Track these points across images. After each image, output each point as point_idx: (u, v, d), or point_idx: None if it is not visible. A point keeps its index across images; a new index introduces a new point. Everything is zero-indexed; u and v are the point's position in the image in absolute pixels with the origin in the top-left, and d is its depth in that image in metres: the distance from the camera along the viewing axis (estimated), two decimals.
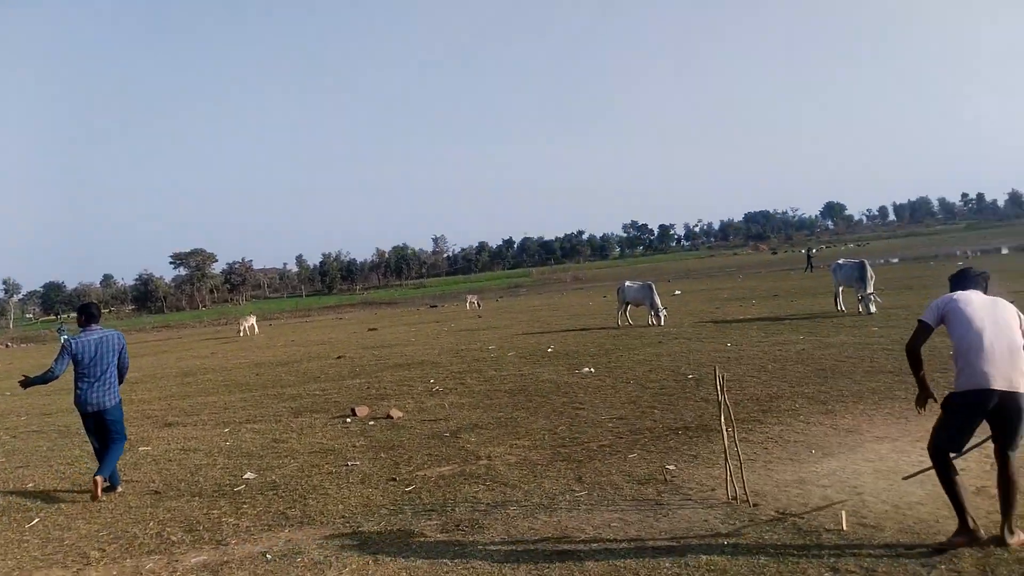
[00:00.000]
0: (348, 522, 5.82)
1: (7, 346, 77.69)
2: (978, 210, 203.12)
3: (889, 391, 8.82)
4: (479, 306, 45.29)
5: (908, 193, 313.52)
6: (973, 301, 4.62)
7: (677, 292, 37.95)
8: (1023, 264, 35.80)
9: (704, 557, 4.50)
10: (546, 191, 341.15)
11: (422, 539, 5.28)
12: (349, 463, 7.75)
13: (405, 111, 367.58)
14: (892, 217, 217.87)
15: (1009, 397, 4.32)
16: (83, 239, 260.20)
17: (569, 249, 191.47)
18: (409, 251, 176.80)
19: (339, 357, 19.74)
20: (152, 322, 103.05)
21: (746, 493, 5.42)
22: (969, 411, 4.43)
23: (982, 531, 4.35)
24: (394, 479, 6.97)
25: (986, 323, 4.47)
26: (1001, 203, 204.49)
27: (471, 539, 5.19)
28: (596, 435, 8.03)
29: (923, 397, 4.69)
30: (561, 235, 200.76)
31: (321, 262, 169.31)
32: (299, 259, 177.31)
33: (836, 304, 19.17)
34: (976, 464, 5.71)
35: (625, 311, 21.33)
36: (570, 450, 7.49)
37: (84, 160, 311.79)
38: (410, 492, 6.50)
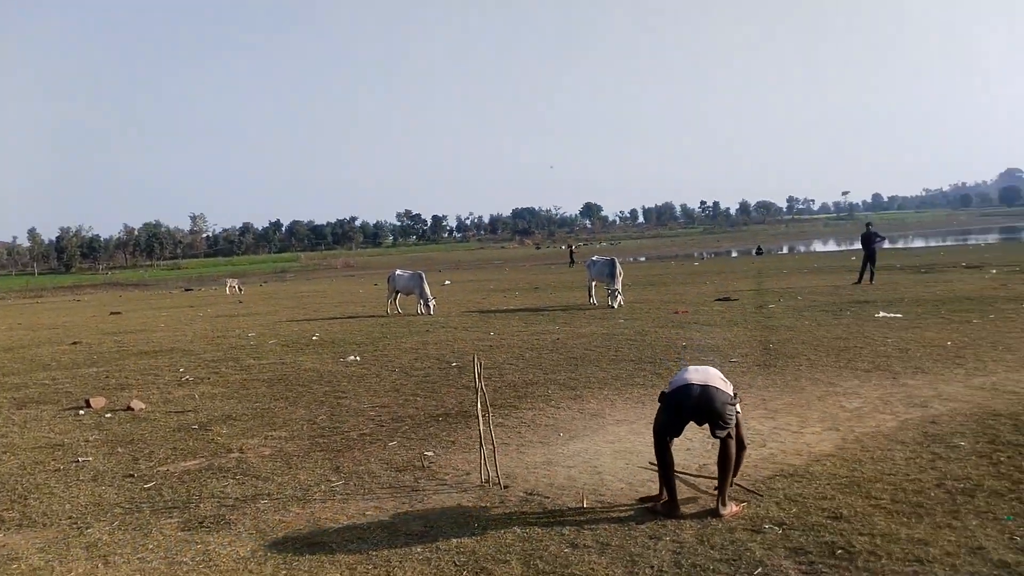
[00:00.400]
0: (76, 523, 5.30)
1: None
2: (713, 216, 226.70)
3: (630, 378, 9.59)
4: (240, 291, 42.99)
5: (656, 198, 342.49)
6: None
7: (447, 282, 38.59)
8: (746, 265, 40.45)
9: (455, 540, 4.63)
10: (318, 175, 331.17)
11: (160, 538, 4.93)
12: (79, 459, 7.05)
13: (157, 78, 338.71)
14: (641, 219, 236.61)
15: (703, 391, 4.92)
16: None
17: (341, 235, 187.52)
18: (163, 229, 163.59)
19: (74, 343, 17.86)
20: None
21: (498, 476, 5.65)
22: (674, 410, 5.01)
23: (680, 508, 4.89)
24: (131, 475, 6.44)
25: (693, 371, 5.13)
26: (733, 211, 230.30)
27: (215, 536, 4.93)
28: (357, 424, 7.96)
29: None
30: (333, 220, 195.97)
31: (58, 237, 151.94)
32: (31, 233, 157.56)
33: (589, 297, 20.50)
34: (700, 444, 6.38)
35: (395, 299, 21.32)
36: (329, 440, 7.36)
37: None
38: (149, 489, 6.04)
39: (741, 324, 14.27)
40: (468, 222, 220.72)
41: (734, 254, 68.81)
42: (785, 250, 72.93)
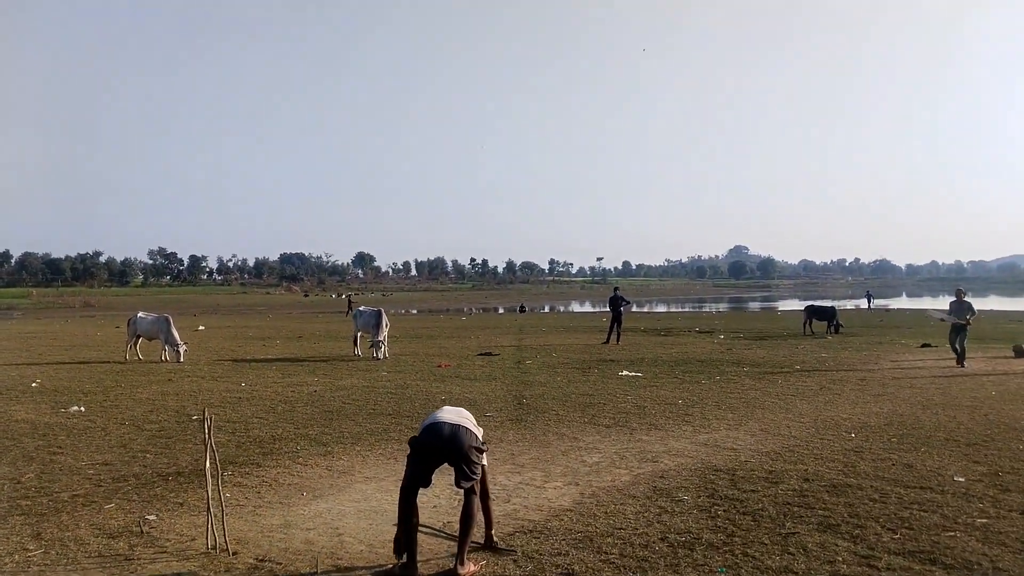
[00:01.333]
0: None
1: None
2: (482, 273, 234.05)
3: (385, 432, 9.40)
4: None
5: (428, 252, 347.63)
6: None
7: (200, 328, 36.09)
8: (510, 322, 41.89)
9: None
10: (57, 202, 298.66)
11: None
12: None
13: None
14: (414, 272, 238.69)
15: (454, 430, 4.94)
16: None
17: (82, 271, 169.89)
18: None
19: None
20: None
21: (226, 541, 5.20)
22: (424, 452, 4.93)
23: (419, 569, 4.80)
24: None
25: (447, 410, 5.22)
26: (500, 269, 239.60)
27: None
28: (70, 483, 7.05)
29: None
30: (73, 254, 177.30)
31: None
32: None
33: (354, 348, 20.09)
34: (447, 500, 6.33)
35: (135, 344, 19.52)
36: (34, 502, 6.43)
37: None
38: None
39: (499, 379, 14.64)
40: (231, 264, 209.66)
41: (500, 310, 71.23)
42: (546, 309, 76.78)
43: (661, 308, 73.91)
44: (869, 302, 60.42)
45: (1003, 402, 11.34)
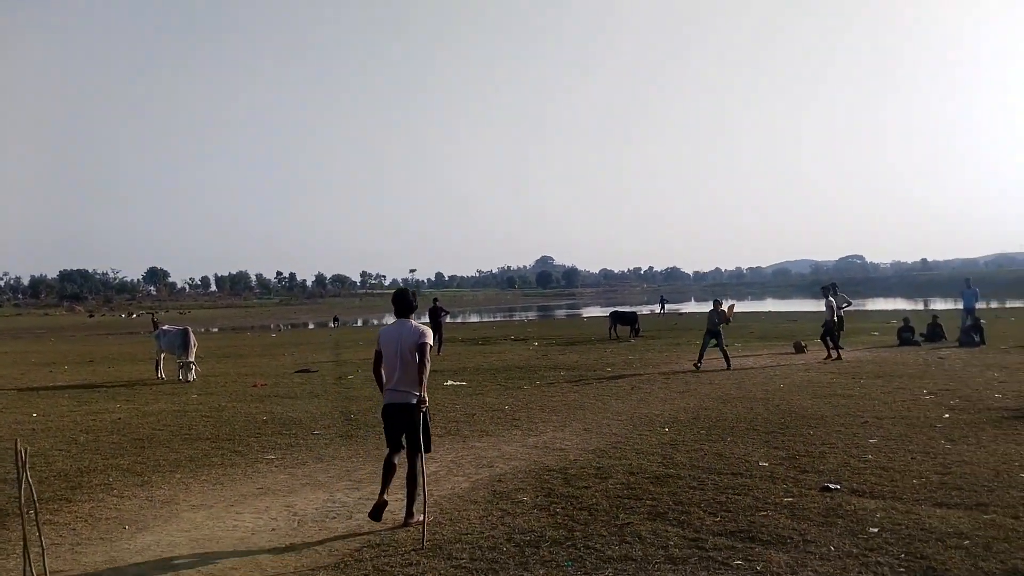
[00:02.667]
0: None
1: None
2: (290, 288, 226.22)
3: (206, 458, 8.92)
4: None
5: (229, 266, 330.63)
6: (389, 331, 6.29)
7: None
8: (324, 336, 40.87)
9: None
10: None
11: None
12: None
13: None
14: (214, 287, 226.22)
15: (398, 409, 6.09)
16: None
17: None
18: None
19: None
20: None
21: None
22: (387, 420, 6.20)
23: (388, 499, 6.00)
24: None
25: (391, 349, 6.15)
26: (310, 283, 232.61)
27: None
28: None
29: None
30: None
31: None
32: None
33: (156, 371, 18.78)
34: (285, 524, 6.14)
35: None
36: None
37: None
38: None
39: (322, 396, 14.31)
40: (1, 283, 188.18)
41: (311, 325, 69.19)
42: (360, 322, 75.55)
43: (475, 318, 75.13)
44: (662, 307, 64.66)
45: (791, 393, 12.67)
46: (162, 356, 18.92)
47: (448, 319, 36.32)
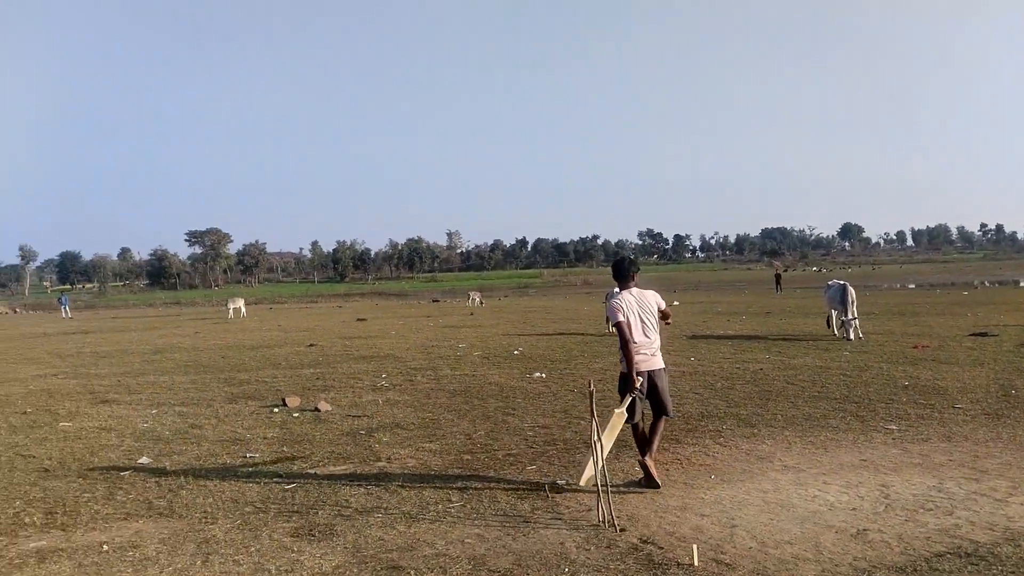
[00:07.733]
0: (207, 517, 5.59)
1: (16, 311, 78.60)
2: (996, 241, 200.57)
3: (823, 419, 8.47)
4: (479, 303, 44.83)
5: (929, 219, 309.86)
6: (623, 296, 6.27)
7: (676, 303, 37.51)
8: (1022, 296, 35.04)
9: None
10: (561, 191, 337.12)
11: (266, 543, 5.03)
12: (247, 455, 7.53)
13: (422, 106, 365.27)
14: (910, 242, 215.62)
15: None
16: (101, 210, 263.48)
17: (583, 253, 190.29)
18: (423, 244, 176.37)
19: (311, 345, 19.57)
20: (163, 298, 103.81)
21: (612, 518, 5.13)
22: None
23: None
24: (279, 475, 6.73)
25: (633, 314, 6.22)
26: (1021, 235, 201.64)
27: (312, 547, 4.93)
28: (509, 443, 7.77)
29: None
30: (576, 238, 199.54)
31: (334, 249, 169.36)
32: (314, 245, 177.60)
33: (828, 326, 18.72)
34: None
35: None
36: (474, 457, 7.22)
37: (105, 130, 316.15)
38: (288, 490, 6.26)
39: (988, 364, 12.20)
40: (713, 242, 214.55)
41: (1022, 283, 59.76)
42: None
43: None
44: None
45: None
46: (833, 312, 18.76)
47: None
